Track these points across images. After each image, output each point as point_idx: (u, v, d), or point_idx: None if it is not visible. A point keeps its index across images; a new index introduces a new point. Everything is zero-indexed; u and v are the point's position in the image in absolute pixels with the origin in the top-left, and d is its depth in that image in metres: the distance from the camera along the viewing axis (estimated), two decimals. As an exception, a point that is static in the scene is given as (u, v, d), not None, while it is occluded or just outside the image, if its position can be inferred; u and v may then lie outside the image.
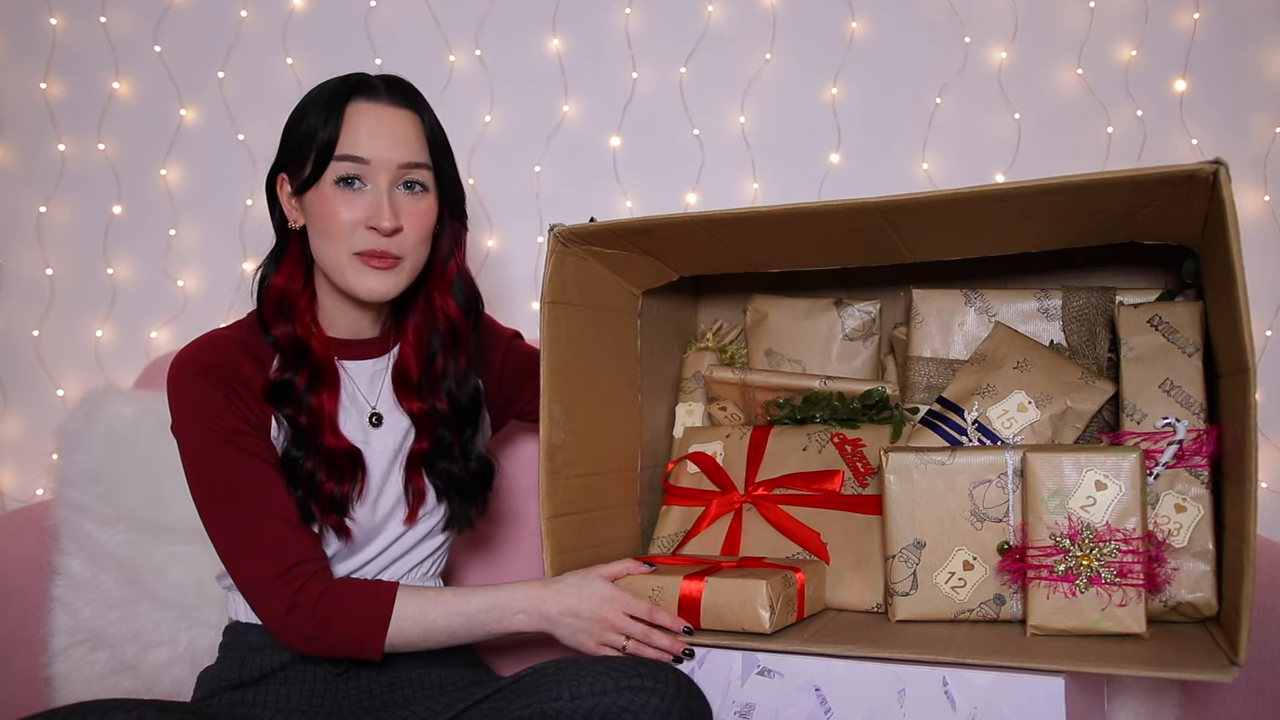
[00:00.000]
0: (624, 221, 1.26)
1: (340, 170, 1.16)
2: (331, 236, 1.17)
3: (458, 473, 1.27)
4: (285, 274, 1.23)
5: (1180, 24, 1.65)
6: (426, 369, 1.28)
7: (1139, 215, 1.14)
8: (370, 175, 1.17)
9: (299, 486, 1.17)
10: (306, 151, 1.17)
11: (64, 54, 1.89)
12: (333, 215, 1.16)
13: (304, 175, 1.18)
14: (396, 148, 1.18)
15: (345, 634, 1.12)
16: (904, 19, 1.73)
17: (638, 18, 1.80)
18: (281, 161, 1.22)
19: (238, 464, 1.15)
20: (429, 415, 1.26)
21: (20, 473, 1.90)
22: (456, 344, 1.28)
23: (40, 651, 1.44)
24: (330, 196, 1.16)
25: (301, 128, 1.19)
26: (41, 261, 1.89)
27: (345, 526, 1.19)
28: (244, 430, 1.16)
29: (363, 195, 1.17)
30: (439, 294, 1.27)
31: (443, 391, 1.27)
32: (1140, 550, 1.07)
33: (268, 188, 1.25)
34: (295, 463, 1.17)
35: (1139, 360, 1.20)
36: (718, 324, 1.60)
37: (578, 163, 1.81)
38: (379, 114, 1.18)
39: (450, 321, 1.28)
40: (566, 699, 1.01)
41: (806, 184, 1.75)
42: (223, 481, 1.14)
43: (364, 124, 1.17)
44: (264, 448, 1.17)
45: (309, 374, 1.20)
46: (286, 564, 1.12)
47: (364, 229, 1.16)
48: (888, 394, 1.38)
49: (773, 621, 1.12)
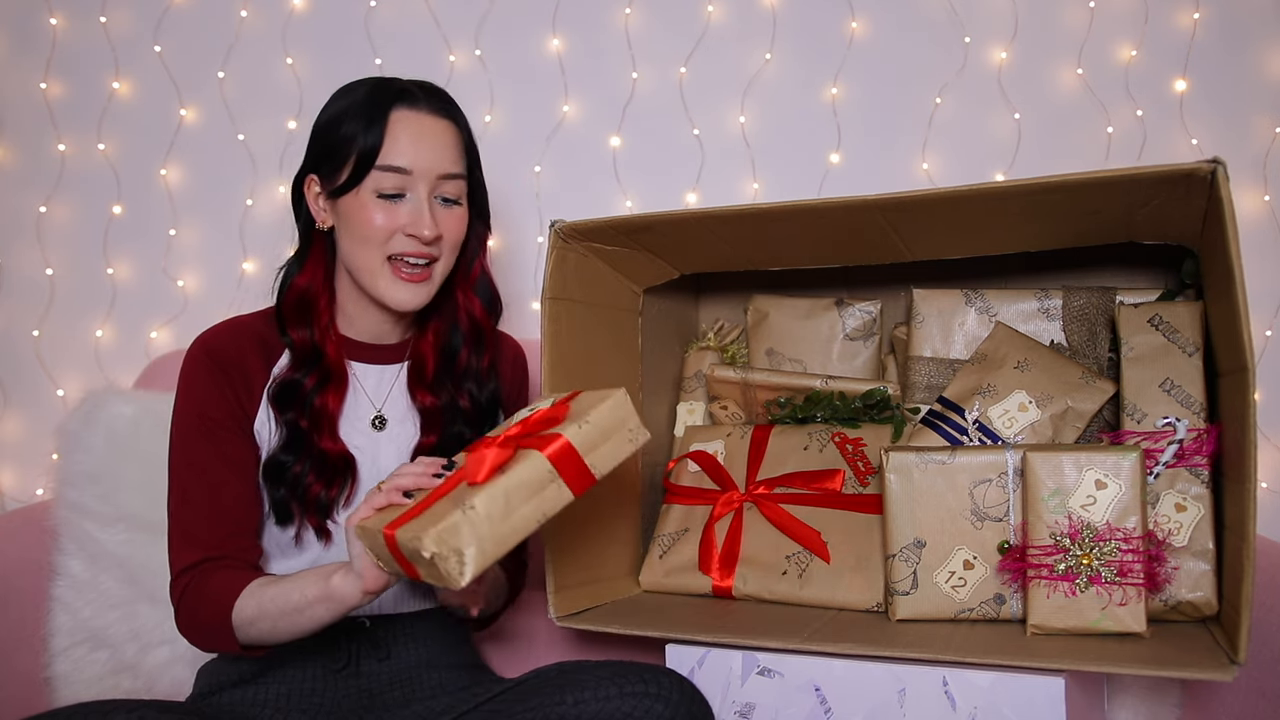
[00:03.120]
0: (625, 218, 1.26)
1: (382, 180, 1.17)
2: (366, 241, 1.18)
3: None
4: (308, 274, 1.24)
5: (1180, 24, 1.65)
6: (446, 365, 1.28)
7: (1138, 215, 1.14)
8: (411, 185, 1.18)
9: (281, 486, 1.18)
10: (345, 156, 1.18)
11: (64, 54, 1.89)
12: (370, 222, 1.17)
13: (340, 180, 1.18)
14: (438, 158, 1.19)
15: (203, 630, 1.14)
16: (904, 19, 1.73)
17: (638, 18, 1.80)
18: (313, 163, 1.22)
19: (203, 456, 1.17)
20: (441, 411, 1.26)
21: (20, 473, 1.90)
22: (480, 342, 1.30)
23: (40, 651, 1.45)
24: (369, 204, 1.17)
25: (340, 132, 1.18)
26: (41, 261, 1.89)
27: (326, 529, 1.20)
28: (224, 423, 1.18)
29: (403, 205, 1.18)
30: (464, 294, 1.29)
31: (465, 389, 1.28)
32: (1140, 549, 1.07)
33: (295, 188, 1.25)
34: (282, 466, 1.19)
35: (1139, 360, 1.20)
36: (719, 323, 1.60)
37: (578, 163, 1.81)
38: (422, 123, 1.19)
39: (474, 320, 1.29)
40: (570, 704, 1.01)
41: (806, 184, 1.75)
42: (189, 469, 1.18)
43: (406, 133, 1.18)
44: (237, 444, 1.19)
45: (318, 376, 1.21)
46: (197, 558, 1.15)
47: (402, 235, 1.18)
48: (889, 394, 1.38)
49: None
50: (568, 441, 0.98)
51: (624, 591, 1.38)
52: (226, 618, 1.11)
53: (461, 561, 0.93)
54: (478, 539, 0.93)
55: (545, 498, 0.98)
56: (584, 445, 0.99)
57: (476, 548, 0.93)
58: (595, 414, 1.01)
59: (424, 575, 0.98)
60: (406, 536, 0.95)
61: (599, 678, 1.03)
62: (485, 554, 0.94)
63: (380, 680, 1.21)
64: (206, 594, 1.13)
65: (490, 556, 0.95)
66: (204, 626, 1.14)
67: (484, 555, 0.94)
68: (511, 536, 0.96)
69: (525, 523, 0.97)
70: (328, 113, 1.22)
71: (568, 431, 0.99)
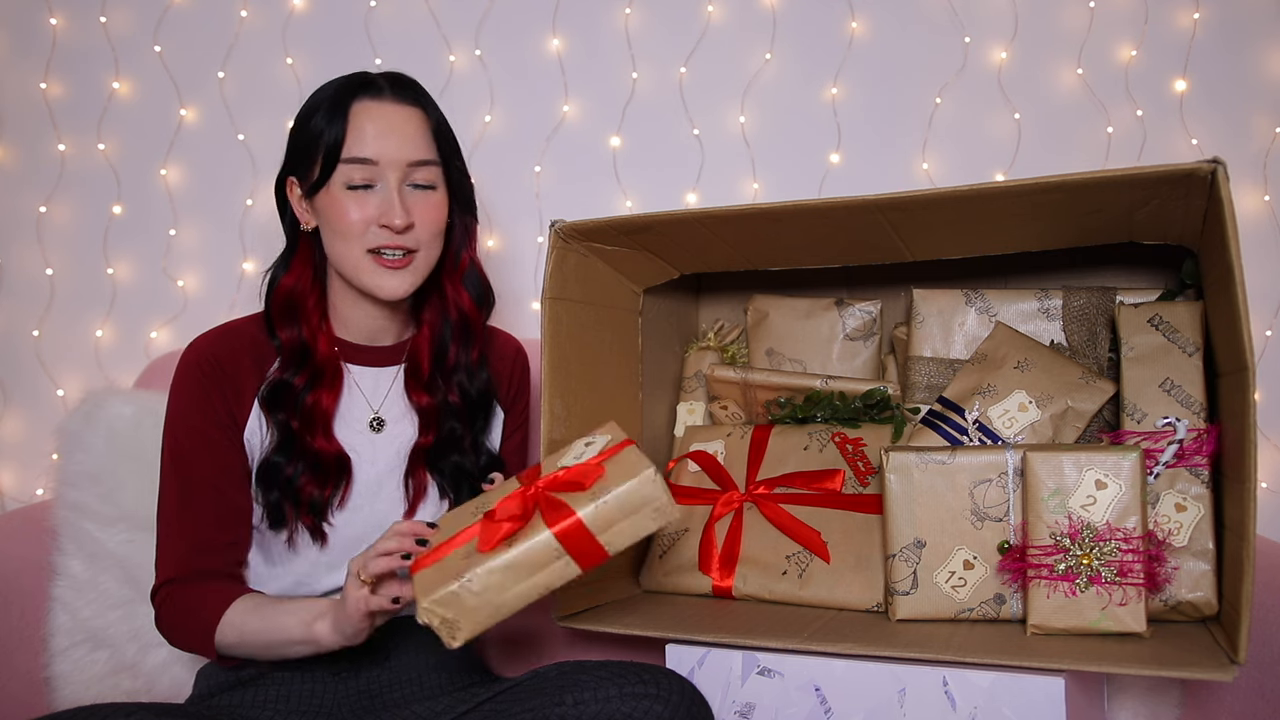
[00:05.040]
0: (625, 217, 1.26)
1: (349, 173, 1.17)
2: (345, 236, 1.18)
3: (468, 467, 1.26)
4: (294, 275, 1.24)
5: (1180, 24, 1.65)
6: (439, 362, 1.28)
7: (1138, 214, 1.14)
8: (379, 175, 1.18)
9: (275, 489, 1.18)
10: (314, 153, 1.18)
11: (64, 54, 1.89)
12: (344, 216, 1.17)
13: (313, 178, 1.19)
14: (404, 146, 1.18)
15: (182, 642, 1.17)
16: (904, 19, 1.73)
17: (638, 18, 1.80)
18: (290, 164, 1.23)
19: (190, 464, 1.18)
20: (437, 410, 1.26)
21: (20, 473, 1.90)
22: (469, 336, 1.29)
23: (40, 651, 1.44)
24: (340, 198, 1.17)
25: (308, 130, 1.19)
26: (41, 261, 1.89)
27: (321, 530, 1.19)
28: (211, 432, 1.19)
29: (373, 195, 1.18)
30: (452, 286, 1.28)
31: (454, 384, 1.27)
32: (1140, 549, 1.07)
33: (277, 191, 1.26)
34: (275, 468, 1.19)
35: (1139, 360, 1.20)
36: (719, 323, 1.60)
37: (578, 162, 1.81)
38: (384, 112, 1.19)
39: (463, 313, 1.28)
40: (570, 704, 1.01)
41: (806, 184, 1.75)
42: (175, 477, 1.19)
43: (370, 124, 1.17)
44: (225, 453, 1.19)
45: (309, 375, 1.21)
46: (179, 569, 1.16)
47: (376, 227, 1.17)
48: (889, 394, 1.38)
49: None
50: (579, 521, 0.98)
51: (624, 591, 1.38)
52: (209, 637, 1.14)
53: (453, 630, 0.98)
54: (469, 611, 0.98)
55: (550, 572, 0.99)
56: (598, 524, 0.99)
57: (467, 620, 0.98)
58: (619, 490, 0.99)
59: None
60: (416, 590, 1.00)
61: (599, 678, 1.03)
62: (479, 624, 0.98)
63: (380, 682, 1.21)
64: (188, 608, 1.15)
65: (484, 625, 0.99)
66: (183, 639, 1.17)
67: (477, 625, 0.98)
68: (508, 606, 0.99)
69: (524, 595, 0.99)
70: (300, 114, 1.22)
71: (582, 510, 0.98)
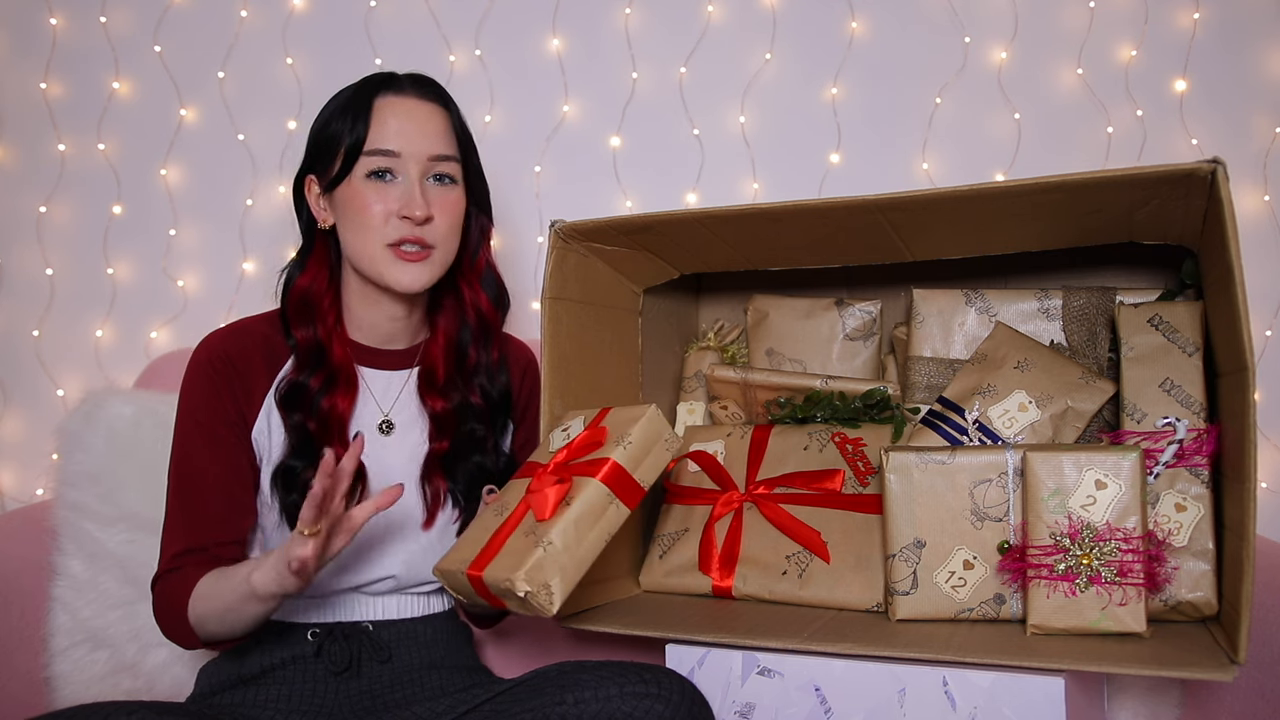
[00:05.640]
0: (625, 218, 1.26)
1: (371, 164, 1.18)
2: (364, 228, 1.18)
3: (490, 467, 1.26)
4: (310, 275, 1.24)
5: (1180, 24, 1.65)
6: (457, 366, 1.28)
7: (1138, 214, 1.14)
8: (401, 167, 1.18)
9: (293, 492, 1.18)
10: (336, 149, 1.19)
11: (64, 54, 1.89)
12: (365, 207, 1.17)
13: (333, 172, 1.19)
14: (426, 140, 1.19)
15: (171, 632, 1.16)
16: (904, 19, 1.73)
17: (638, 18, 1.80)
18: (309, 164, 1.24)
19: (196, 461, 1.18)
20: (454, 413, 1.26)
21: (20, 473, 1.90)
22: (488, 337, 1.30)
23: (40, 651, 1.44)
24: (361, 190, 1.18)
25: (329, 130, 1.20)
26: (41, 261, 1.89)
27: None
28: (218, 429, 1.19)
29: (394, 187, 1.18)
30: (469, 287, 1.28)
31: (476, 385, 1.28)
32: (1140, 549, 1.07)
33: (295, 191, 1.26)
34: (292, 472, 1.18)
35: (1139, 360, 1.20)
36: (719, 323, 1.60)
37: (578, 162, 1.81)
38: (407, 107, 1.20)
39: (481, 315, 1.29)
40: (570, 704, 1.01)
41: (806, 184, 1.75)
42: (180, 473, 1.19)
43: (393, 117, 1.19)
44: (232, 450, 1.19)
45: (324, 377, 1.21)
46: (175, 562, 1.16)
47: (396, 219, 1.18)
48: (889, 394, 1.38)
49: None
50: (616, 463, 1.10)
51: (624, 591, 1.38)
52: (184, 618, 1.13)
53: (550, 593, 1.04)
54: (560, 569, 1.05)
55: (608, 518, 1.09)
56: (631, 463, 1.11)
57: (560, 578, 1.05)
58: (634, 432, 1.12)
59: (512, 607, 1.09)
60: (496, 578, 1.06)
61: (599, 678, 1.03)
62: (568, 581, 1.06)
63: (381, 682, 1.21)
64: (172, 594, 1.15)
65: (571, 583, 1.06)
66: (167, 625, 1.17)
67: (567, 583, 1.06)
68: (586, 560, 1.07)
69: (595, 545, 1.08)
70: (321, 116, 1.23)
71: (615, 454, 1.10)
